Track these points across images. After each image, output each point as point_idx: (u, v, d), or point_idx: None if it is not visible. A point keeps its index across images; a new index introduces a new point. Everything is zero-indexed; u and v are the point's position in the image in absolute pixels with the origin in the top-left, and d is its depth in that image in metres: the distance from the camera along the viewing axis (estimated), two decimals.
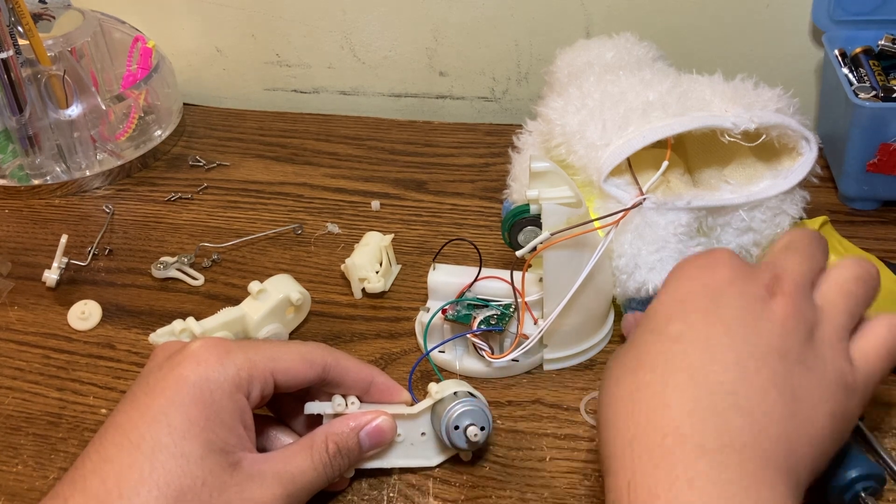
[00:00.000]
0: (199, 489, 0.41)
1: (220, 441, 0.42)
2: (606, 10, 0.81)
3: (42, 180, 0.78)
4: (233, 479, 0.42)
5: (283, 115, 0.89)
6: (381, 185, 0.78)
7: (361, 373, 0.50)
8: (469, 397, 0.50)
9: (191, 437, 0.42)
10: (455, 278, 0.57)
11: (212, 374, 0.43)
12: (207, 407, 0.43)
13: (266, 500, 0.43)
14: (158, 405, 0.42)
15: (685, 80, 0.59)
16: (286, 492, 0.44)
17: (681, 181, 0.59)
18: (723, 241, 0.58)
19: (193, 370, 0.43)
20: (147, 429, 0.41)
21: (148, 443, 0.41)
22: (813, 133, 0.57)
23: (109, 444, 0.42)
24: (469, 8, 0.83)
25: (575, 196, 0.54)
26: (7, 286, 0.68)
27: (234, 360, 0.44)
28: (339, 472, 0.47)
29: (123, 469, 0.40)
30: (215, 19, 0.89)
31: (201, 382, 0.43)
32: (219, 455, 0.42)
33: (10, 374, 0.60)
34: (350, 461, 0.48)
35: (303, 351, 0.48)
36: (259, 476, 0.43)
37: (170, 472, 0.41)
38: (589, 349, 0.59)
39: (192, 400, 0.42)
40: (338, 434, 0.47)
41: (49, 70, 0.75)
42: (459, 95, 0.89)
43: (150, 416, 0.42)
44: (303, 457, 0.46)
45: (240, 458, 0.43)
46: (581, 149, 0.58)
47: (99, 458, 0.42)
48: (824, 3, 0.74)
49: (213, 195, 0.77)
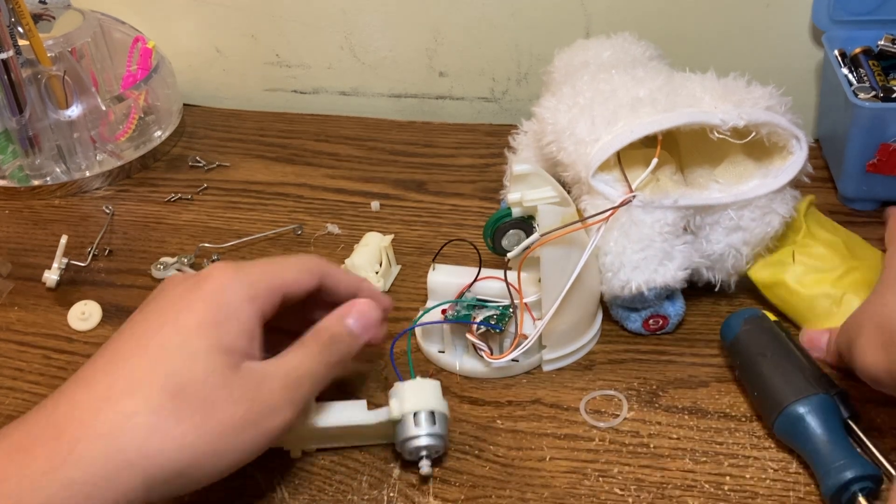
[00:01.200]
0: (201, 383, 0.42)
1: (227, 343, 0.44)
2: (606, 10, 0.81)
3: (42, 181, 0.78)
4: (236, 378, 0.43)
5: (282, 116, 0.89)
6: (381, 185, 0.78)
7: (351, 284, 0.52)
8: (428, 422, 0.50)
9: (199, 336, 0.43)
10: (455, 279, 0.57)
11: (228, 285, 0.46)
12: (220, 311, 0.44)
13: (266, 392, 0.44)
14: (172, 310, 0.44)
15: (677, 77, 0.59)
16: (284, 382, 0.45)
17: (671, 180, 0.59)
18: (712, 240, 0.58)
19: (211, 283, 0.46)
20: (158, 332, 0.43)
21: (156, 342, 0.43)
22: (804, 132, 0.57)
23: (120, 346, 0.44)
24: (469, 8, 0.83)
25: (559, 195, 0.54)
26: (7, 287, 0.68)
27: (248, 274, 0.47)
28: (341, 361, 0.49)
29: (132, 366, 0.42)
30: (215, 19, 0.89)
31: (216, 292, 0.45)
32: (224, 355, 0.43)
33: (10, 374, 0.60)
34: (347, 347, 0.49)
35: (302, 261, 0.51)
36: (259, 371, 0.45)
37: (174, 367, 0.42)
38: (582, 347, 0.59)
39: (205, 305, 0.44)
40: (326, 326, 0.49)
41: (49, 70, 0.75)
42: (459, 96, 0.89)
43: (161, 319, 0.44)
44: (301, 352, 0.47)
45: (245, 361, 0.45)
46: (570, 145, 0.58)
47: (105, 360, 0.43)
48: (824, 4, 0.74)
49: (213, 196, 0.77)
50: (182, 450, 0.41)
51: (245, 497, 0.51)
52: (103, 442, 0.40)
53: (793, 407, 0.50)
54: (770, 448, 0.52)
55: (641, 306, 0.59)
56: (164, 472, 0.41)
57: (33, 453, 0.39)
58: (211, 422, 0.42)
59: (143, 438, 0.40)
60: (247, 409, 0.43)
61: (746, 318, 0.55)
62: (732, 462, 0.52)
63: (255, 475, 0.52)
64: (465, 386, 0.58)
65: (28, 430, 0.41)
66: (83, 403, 0.41)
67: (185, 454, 0.41)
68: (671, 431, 0.54)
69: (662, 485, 0.51)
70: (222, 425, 0.42)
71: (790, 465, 0.51)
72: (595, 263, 0.57)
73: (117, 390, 0.41)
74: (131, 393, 0.41)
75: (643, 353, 0.59)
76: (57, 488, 0.39)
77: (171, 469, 0.41)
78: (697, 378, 0.57)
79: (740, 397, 0.56)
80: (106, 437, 0.40)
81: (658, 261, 0.56)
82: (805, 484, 0.50)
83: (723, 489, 0.50)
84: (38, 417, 0.41)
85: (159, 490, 0.41)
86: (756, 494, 0.50)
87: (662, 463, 0.52)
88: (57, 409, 0.41)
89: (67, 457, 0.39)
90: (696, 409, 0.55)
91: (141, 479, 0.40)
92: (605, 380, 0.58)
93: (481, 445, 0.53)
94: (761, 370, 0.52)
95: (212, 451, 0.42)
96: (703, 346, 0.60)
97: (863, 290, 0.55)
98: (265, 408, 0.44)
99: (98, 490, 0.39)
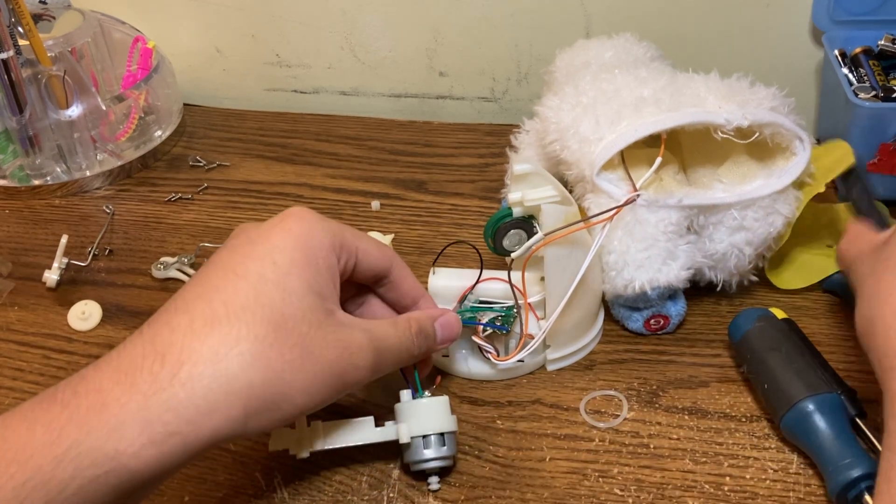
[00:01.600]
0: (299, 319, 0.42)
1: (318, 286, 0.44)
2: (606, 10, 0.81)
3: (42, 181, 0.78)
4: (330, 322, 0.44)
5: (283, 116, 0.89)
6: (381, 185, 0.78)
7: (416, 286, 0.52)
8: (437, 444, 0.50)
9: (294, 276, 0.43)
10: (456, 281, 0.57)
11: (314, 228, 0.45)
12: (309, 254, 0.44)
13: (355, 346, 0.45)
14: (264, 248, 0.44)
15: (680, 77, 0.59)
16: (373, 345, 0.46)
17: (675, 180, 0.59)
18: (715, 240, 0.58)
19: (297, 223, 0.45)
20: (253, 264, 0.43)
21: (253, 274, 0.42)
22: (807, 133, 0.57)
23: (214, 276, 0.43)
24: (469, 8, 0.83)
25: (560, 194, 0.54)
26: (7, 286, 0.68)
27: (331, 224, 0.47)
28: (419, 353, 0.49)
29: (229, 295, 0.42)
30: (215, 19, 0.89)
31: (304, 234, 0.45)
32: (317, 297, 0.44)
33: (10, 374, 0.60)
34: (428, 344, 0.50)
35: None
36: (350, 324, 0.45)
37: (273, 300, 0.42)
38: (584, 346, 0.59)
39: (295, 246, 0.44)
40: (418, 318, 0.50)
41: (49, 70, 0.75)
42: (459, 96, 0.89)
43: (255, 255, 0.43)
44: (393, 328, 0.48)
45: (334, 308, 0.45)
46: (574, 143, 0.58)
47: (197, 290, 0.43)
48: (824, 4, 0.74)
49: (214, 195, 0.77)
50: (281, 382, 0.41)
51: (245, 497, 0.51)
52: (208, 367, 0.39)
53: (804, 403, 0.50)
54: (770, 448, 0.52)
55: (643, 306, 0.59)
56: (262, 401, 0.41)
57: (138, 377, 0.39)
58: (308, 360, 0.42)
59: (247, 366, 0.40)
60: (338, 355, 0.44)
61: (759, 316, 0.56)
62: (732, 462, 0.52)
63: (256, 475, 0.52)
64: (465, 386, 0.58)
65: (130, 355, 0.40)
66: (182, 328, 0.41)
67: (283, 387, 0.41)
68: (671, 432, 0.54)
69: (662, 485, 0.51)
70: (318, 365, 0.43)
71: (790, 466, 0.51)
72: (598, 262, 0.57)
73: (219, 315, 0.41)
74: (233, 320, 0.41)
75: (643, 353, 0.59)
76: (163, 409, 0.38)
77: (269, 399, 0.41)
78: (698, 378, 0.57)
79: (741, 397, 0.56)
80: (210, 362, 0.40)
81: (662, 260, 0.56)
82: (805, 484, 0.50)
83: (723, 490, 0.50)
84: (137, 343, 0.41)
85: (255, 422, 0.41)
86: (756, 495, 0.50)
87: (662, 463, 0.52)
88: (157, 336, 0.41)
89: (172, 380, 0.39)
90: (697, 409, 0.55)
91: (242, 406, 0.40)
92: (606, 380, 0.58)
93: (481, 446, 0.54)
94: (774, 365, 0.53)
95: (304, 389, 0.42)
96: (704, 346, 0.60)
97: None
98: (351, 362, 0.44)
99: (200, 416, 0.39)
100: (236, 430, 0.40)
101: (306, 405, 0.43)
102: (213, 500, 0.51)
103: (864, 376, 0.56)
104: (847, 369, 0.56)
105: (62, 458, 0.37)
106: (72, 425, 0.37)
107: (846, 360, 0.57)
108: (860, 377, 0.55)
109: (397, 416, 0.51)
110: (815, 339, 0.56)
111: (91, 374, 0.40)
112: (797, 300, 0.62)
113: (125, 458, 0.37)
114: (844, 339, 0.59)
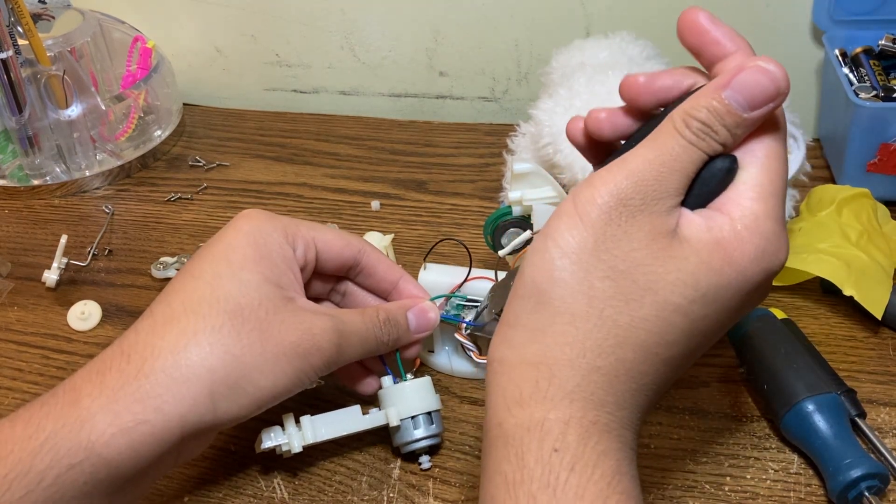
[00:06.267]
0: (256, 307, 0.44)
1: (274, 277, 0.46)
2: (606, 10, 0.81)
3: (42, 181, 0.78)
4: (288, 308, 0.46)
5: (283, 115, 0.89)
6: (381, 185, 0.78)
7: (391, 270, 0.53)
8: (426, 423, 0.51)
9: (248, 270, 0.45)
10: (446, 278, 0.57)
11: (263, 225, 0.47)
12: (262, 249, 0.46)
13: (318, 328, 0.46)
14: (217, 249, 0.46)
15: None
16: (337, 328, 0.47)
17: None
18: None
19: (247, 223, 0.47)
20: (209, 265, 0.46)
21: (209, 274, 0.45)
22: (801, 131, 0.57)
23: (175, 282, 0.46)
24: (469, 8, 0.83)
25: (559, 195, 0.54)
26: (7, 286, 0.68)
27: (282, 219, 0.49)
28: (388, 340, 0.50)
29: (188, 294, 0.45)
30: (215, 19, 0.89)
31: (254, 230, 0.47)
32: (275, 287, 0.46)
33: (9, 374, 0.60)
34: (399, 333, 0.51)
35: (341, 232, 0.52)
36: (313, 310, 0.47)
37: (229, 293, 0.44)
38: None
39: (247, 243, 0.46)
40: (388, 307, 0.51)
41: (49, 70, 0.75)
42: (459, 95, 0.89)
43: (210, 257, 0.46)
44: (355, 313, 0.49)
45: (294, 295, 0.47)
46: (567, 147, 0.58)
47: (164, 294, 0.46)
48: (824, 3, 0.74)
49: (213, 195, 0.77)
50: (241, 365, 0.43)
51: (245, 497, 0.51)
52: (168, 359, 0.42)
53: (804, 403, 0.50)
54: (771, 449, 0.52)
55: None
56: (226, 386, 0.43)
57: (107, 375, 0.42)
58: (269, 343, 0.44)
59: (206, 354, 0.43)
60: (299, 337, 0.45)
61: (759, 316, 0.56)
62: (733, 462, 0.52)
63: (255, 475, 0.52)
64: (465, 386, 0.58)
65: (102, 358, 0.43)
66: (146, 329, 0.44)
67: (244, 369, 0.43)
68: (672, 432, 0.54)
69: (663, 485, 0.50)
70: (279, 347, 0.44)
71: (790, 466, 0.51)
72: None
73: (178, 313, 0.44)
74: (190, 315, 0.44)
75: None
76: (130, 401, 0.41)
77: (232, 382, 0.43)
78: (698, 378, 0.57)
79: (741, 398, 0.56)
80: (170, 354, 0.42)
81: None
82: (805, 485, 0.50)
83: (723, 490, 0.50)
84: (108, 349, 0.44)
85: (224, 407, 0.43)
86: (756, 495, 0.50)
87: (663, 463, 0.52)
88: (125, 339, 0.44)
89: (137, 373, 0.42)
90: (697, 409, 0.55)
91: (207, 392, 0.42)
92: None
93: (481, 446, 0.53)
94: (775, 364, 0.53)
95: (267, 371, 0.44)
96: None
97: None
98: (314, 343, 0.46)
99: (166, 404, 0.41)
100: (206, 417, 0.42)
101: (272, 388, 0.44)
102: (213, 500, 0.51)
103: (865, 376, 0.56)
104: (847, 369, 0.56)
105: (39, 449, 0.39)
106: (48, 419, 0.40)
107: (846, 360, 0.57)
108: (860, 377, 0.55)
109: (382, 402, 0.52)
110: (815, 339, 0.56)
111: (69, 378, 0.43)
112: (797, 300, 0.62)
113: (98, 447, 0.40)
114: (844, 339, 0.59)
